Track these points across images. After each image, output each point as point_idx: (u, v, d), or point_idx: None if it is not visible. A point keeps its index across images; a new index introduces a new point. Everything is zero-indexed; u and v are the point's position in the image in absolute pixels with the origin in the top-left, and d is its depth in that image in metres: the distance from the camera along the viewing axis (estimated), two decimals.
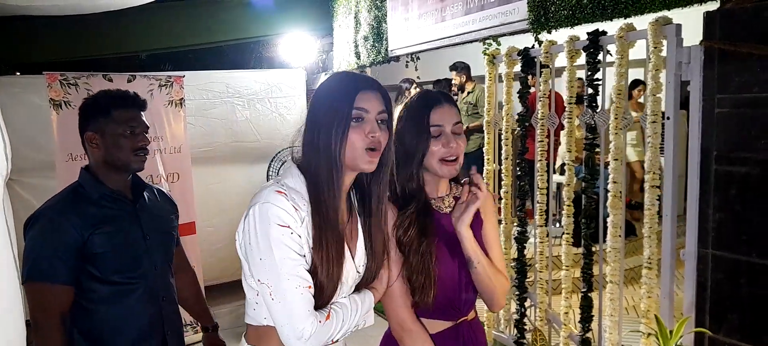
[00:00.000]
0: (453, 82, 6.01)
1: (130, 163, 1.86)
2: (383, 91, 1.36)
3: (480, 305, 1.67)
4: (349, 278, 1.37)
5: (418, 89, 6.11)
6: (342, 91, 1.31)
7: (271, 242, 1.24)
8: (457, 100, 6.09)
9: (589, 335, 2.72)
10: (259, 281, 1.27)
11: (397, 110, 1.61)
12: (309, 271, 1.28)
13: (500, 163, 3.34)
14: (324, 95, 1.35)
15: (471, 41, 3.23)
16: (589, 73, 2.58)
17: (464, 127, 5.75)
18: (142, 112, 1.90)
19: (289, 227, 1.25)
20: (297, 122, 5.10)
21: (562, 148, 3.02)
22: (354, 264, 1.39)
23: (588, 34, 2.55)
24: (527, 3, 2.71)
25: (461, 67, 5.82)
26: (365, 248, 1.43)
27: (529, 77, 3.13)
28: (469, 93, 5.79)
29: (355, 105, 1.30)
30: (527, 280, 3.20)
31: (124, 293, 1.81)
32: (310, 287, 1.26)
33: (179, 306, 2.04)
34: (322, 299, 1.30)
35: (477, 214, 1.63)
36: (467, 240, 1.49)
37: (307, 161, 1.33)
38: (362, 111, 1.30)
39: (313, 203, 1.30)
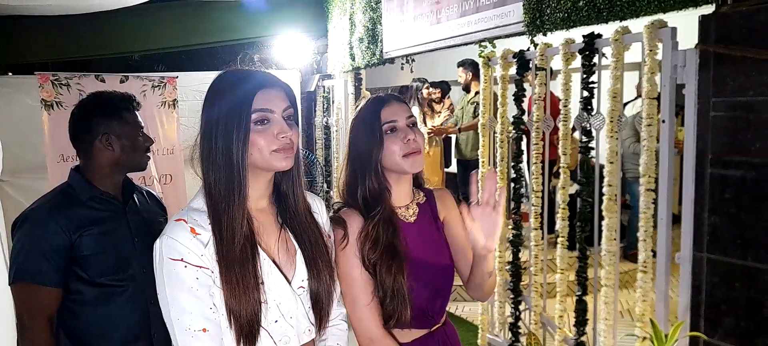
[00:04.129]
0: (459, 79, 5.73)
1: (143, 162, 1.91)
2: (285, 86, 1.26)
3: (475, 308, 1.66)
4: (281, 299, 1.25)
5: (429, 89, 6.03)
6: (239, 92, 1.19)
7: (164, 281, 1.16)
8: (461, 101, 5.92)
9: (583, 338, 2.71)
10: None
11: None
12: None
13: (495, 166, 3.33)
14: (218, 98, 1.21)
15: (466, 43, 3.22)
16: (585, 75, 2.58)
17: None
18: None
19: (182, 259, 1.16)
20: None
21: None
22: (290, 286, 1.27)
23: (583, 36, 2.55)
24: (523, 5, 2.71)
25: (469, 64, 5.47)
26: (304, 260, 1.31)
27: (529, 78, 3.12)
28: (475, 93, 5.41)
29: (255, 106, 1.18)
30: (522, 283, 3.20)
31: (111, 295, 1.80)
32: (205, 330, 1.16)
33: None
34: (240, 327, 1.18)
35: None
36: (491, 256, 1.45)
37: (205, 175, 1.21)
38: (266, 112, 1.19)
39: (212, 220, 1.19)
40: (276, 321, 1.24)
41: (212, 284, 1.18)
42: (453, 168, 6.41)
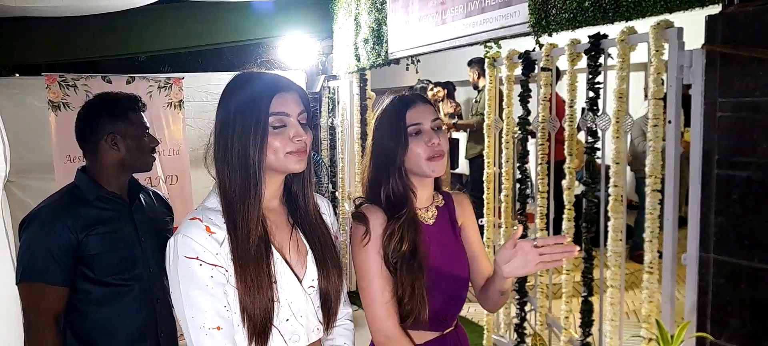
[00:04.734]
0: (469, 78, 5.69)
1: (149, 163, 1.91)
2: (301, 90, 1.27)
3: (481, 309, 1.66)
4: (292, 298, 1.27)
5: (433, 89, 6.03)
6: (256, 95, 1.20)
7: (179, 279, 1.18)
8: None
9: (589, 339, 2.71)
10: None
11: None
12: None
13: (501, 167, 3.33)
14: (234, 99, 1.22)
15: (472, 44, 3.22)
16: (591, 76, 2.58)
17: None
18: None
19: (197, 258, 1.17)
20: None
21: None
22: (301, 285, 1.29)
23: (589, 37, 2.55)
24: (528, 6, 2.71)
25: (476, 62, 5.40)
26: (315, 260, 1.33)
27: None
28: (479, 92, 5.46)
29: (272, 109, 1.19)
30: (527, 284, 3.19)
31: (118, 294, 1.81)
32: (219, 328, 1.17)
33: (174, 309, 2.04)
34: (253, 326, 1.20)
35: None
36: (510, 282, 1.47)
37: (220, 176, 1.23)
38: (283, 115, 1.21)
39: (228, 220, 1.21)
40: (287, 320, 1.27)
41: (226, 282, 1.19)
42: (460, 169, 6.42)
